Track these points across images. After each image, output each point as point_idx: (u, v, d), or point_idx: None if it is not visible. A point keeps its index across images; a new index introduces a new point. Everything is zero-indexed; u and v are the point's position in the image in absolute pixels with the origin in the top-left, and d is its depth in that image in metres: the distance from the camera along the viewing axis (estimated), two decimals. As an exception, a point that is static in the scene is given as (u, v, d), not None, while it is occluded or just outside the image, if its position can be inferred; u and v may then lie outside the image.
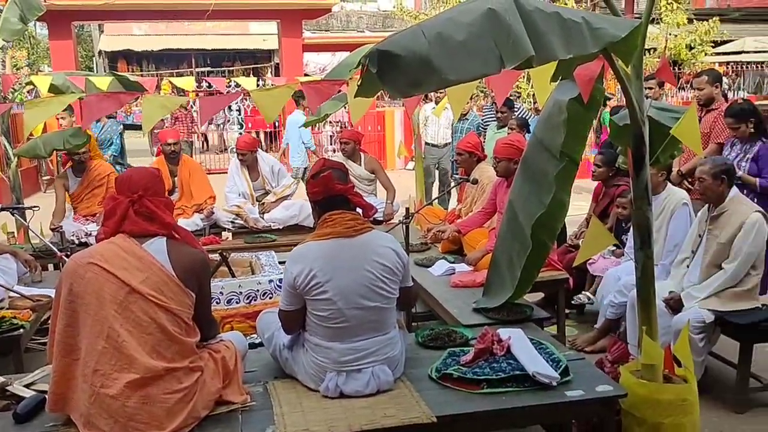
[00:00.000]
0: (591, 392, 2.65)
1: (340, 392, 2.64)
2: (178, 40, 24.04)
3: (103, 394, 2.30)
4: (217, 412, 2.51)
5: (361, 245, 2.68)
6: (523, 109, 7.38)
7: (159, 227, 2.48)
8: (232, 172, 6.42)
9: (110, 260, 2.38)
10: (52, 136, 6.54)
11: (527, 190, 3.36)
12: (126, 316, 2.34)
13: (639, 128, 2.82)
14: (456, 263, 4.35)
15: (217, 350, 2.62)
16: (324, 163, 2.83)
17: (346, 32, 21.16)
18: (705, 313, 3.61)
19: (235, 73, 22.90)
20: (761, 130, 4.80)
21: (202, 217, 6.02)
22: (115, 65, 24.89)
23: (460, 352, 2.94)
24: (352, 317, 2.63)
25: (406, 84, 2.19)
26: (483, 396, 2.62)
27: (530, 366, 2.69)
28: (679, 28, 14.19)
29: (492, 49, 2.21)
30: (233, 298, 4.01)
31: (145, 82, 7.40)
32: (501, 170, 4.37)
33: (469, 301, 3.68)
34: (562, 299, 4.27)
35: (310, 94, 3.09)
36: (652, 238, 2.91)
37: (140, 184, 2.49)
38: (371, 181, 6.44)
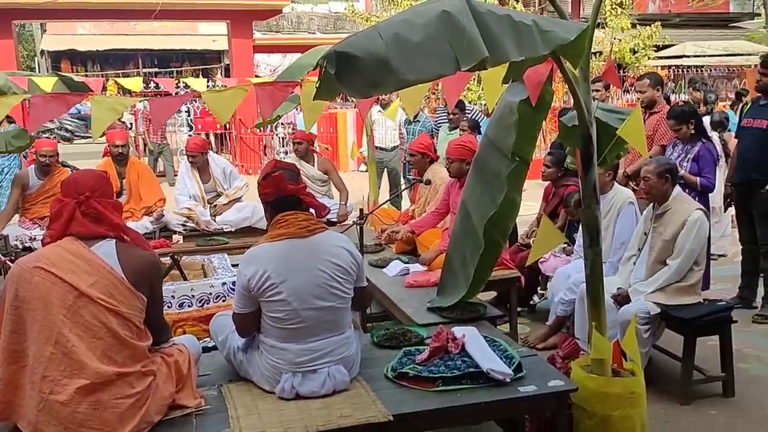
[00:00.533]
0: (543, 387, 2.70)
1: (296, 393, 2.63)
2: (125, 40, 23.51)
3: (52, 401, 2.24)
4: (170, 416, 2.47)
5: (315, 245, 2.68)
6: (475, 111, 7.48)
7: (107, 228, 2.43)
8: (182, 174, 6.30)
9: (57, 264, 2.32)
10: (-8, 137, 6.32)
11: (480, 190, 3.41)
12: (75, 320, 2.28)
13: (587, 129, 2.90)
14: (410, 263, 4.39)
15: (170, 354, 2.57)
16: (275, 165, 2.82)
17: (297, 33, 21.03)
18: (650, 305, 3.73)
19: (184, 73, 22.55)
20: (701, 132, 4.98)
21: (151, 219, 5.90)
22: (58, 65, 24.19)
23: (415, 351, 2.96)
24: (307, 318, 2.62)
25: (365, 85, 2.20)
26: (438, 394, 2.65)
27: (484, 363, 2.73)
28: (623, 33, 14.60)
29: (447, 50, 2.24)
30: (185, 302, 3.96)
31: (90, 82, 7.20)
32: (454, 171, 4.42)
33: (423, 301, 3.71)
34: (514, 298, 4.34)
35: (263, 96, 3.06)
36: (600, 236, 2.99)
37: (87, 186, 2.44)
38: (324, 182, 6.42)
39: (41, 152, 5.74)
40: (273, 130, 13.74)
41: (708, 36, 19.81)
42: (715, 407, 3.68)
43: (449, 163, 4.42)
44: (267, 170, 2.79)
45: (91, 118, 3.57)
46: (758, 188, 4.74)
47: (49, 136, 19.53)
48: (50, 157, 5.74)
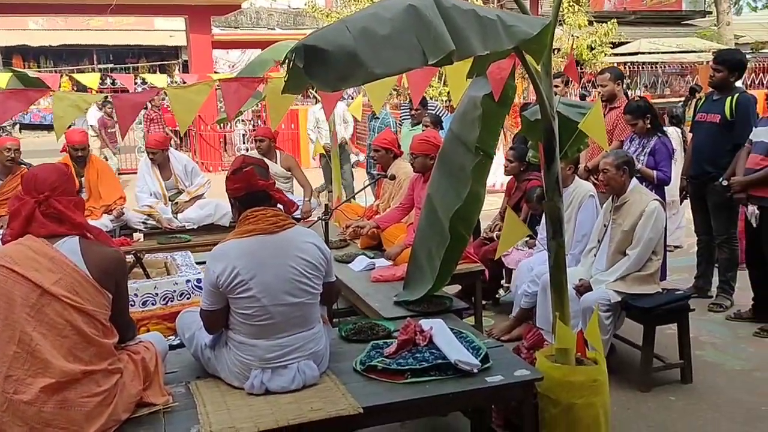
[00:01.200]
0: (510, 377, 2.75)
1: (266, 389, 2.62)
2: (79, 35, 22.95)
3: (16, 401, 2.20)
4: (138, 414, 2.45)
5: (284, 241, 2.67)
6: (438, 107, 7.54)
7: (69, 228, 2.39)
8: (143, 171, 6.20)
9: (20, 262, 2.27)
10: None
11: (445, 184, 3.44)
12: (39, 318, 2.24)
13: (549, 123, 2.95)
14: (375, 259, 4.40)
15: (136, 351, 2.55)
16: (244, 160, 2.80)
17: (256, 29, 20.83)
18: (611, 293, 3.84)
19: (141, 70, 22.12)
20: (657, 126, 5.11)
21: (111, 218, 5.80)
22: (9, 61, 23.52)
23: (383, 345, 2.98)
24: (276, 314, 2.62)
25: (334, 78, 2.21)
26: (407, 385, 2.67)
27: (452, 354, 2.77)
28: (580, 30, 14.84)
29: (415, 43, 2.27)
30: (149, 300, 3.91)
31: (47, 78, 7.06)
32: (418, 166, 4.45)
33: (390, 295, 3.74)
34: (478, 291, 4.39)
35: (228, 92, 3.04)
36: (563, 228, 3.05)
37: (47, 184, 2.38)
38: (288, 179, 6.40)
39: (6, 146, 5.58)
40: (234, 127, 13.61)
41: (662, 33, 20.27)
42: (674, 393, 3.80)
43: (413, 158, 4.45)
44: (236, 165, 2.76)
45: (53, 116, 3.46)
46: (712, 181, 4.88)
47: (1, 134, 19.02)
48: (15, 151, 5.60)
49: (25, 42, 23.13)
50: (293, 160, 6.55)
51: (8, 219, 2.41)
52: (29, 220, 2.35)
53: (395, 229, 4.67)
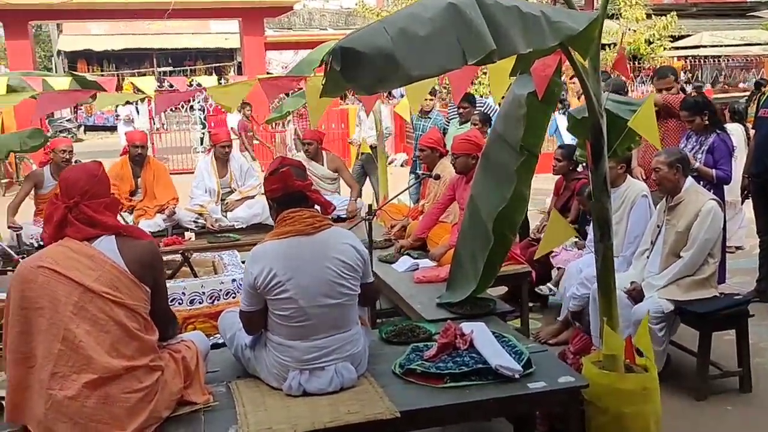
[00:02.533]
0: (553, 384, 2.67)
1: (303, 390, 2.62)
2: (139, 40, 23.69)
3: (61, 397, 2.25)
4: (179, 412, 2.47)
5: (321, 243, 2.66)
6: (487, 104, 7.42)
7: (101, 230, 2.43)
8: (202, 168, 6.38)
9: (61, 262, 2.33)
10: (8, 137, 6.38)
11: (488, 184, 3.38)
12: (82, 315, 2.29)
13: (597, 120, 2.85)
14: (419, 259, 4.35)
15: (177, 350, 2.58)
16: (282, 161, 2.80)
17: (308, 30, 21.05)
18: (664, 303, 3.67)
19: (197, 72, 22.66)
20: (715, 123, 4.90)
21: (164, 217, 5.95)
22: (74, 65, 24.42)
23: (423, 347, 2.94)
24: (313, 315, 2.61)
25: (371, 81, 2.18)
26: (446, 390, 2.62)
27: (493, 359, 2.70)
28: (637, 23, 14.44)
29: (454, 44, 2.21)
30: (196, 298, 3.96)
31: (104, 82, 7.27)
32: (459, 166, 4.38)
33: (432, 297, 3.69)
34: (525, 292, 4.30)
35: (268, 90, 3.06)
36: (611, 230, 2.95)
37: (76, 188, 2.42)
38: (334, 180, 6.43)
39: (60, 148, 5.79)
40: (285, 127, 13.75)
41: (725, 26, 19.54)
42: (731, 402, 3.63)
43: (454, 158, 4.37)
44: (274, 166, 2.77)
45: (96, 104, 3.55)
46: (775, 179, 4.66)
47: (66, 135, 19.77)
48: (69, 152, 5.80)
49: (89, 47, 24.01)
50: (340, 161, 6.57)
51: (44, 222, 2.47)
52: (62, 224, 2.40)
53: (440, 229, 4.61)
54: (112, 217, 2.47)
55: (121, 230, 2.48)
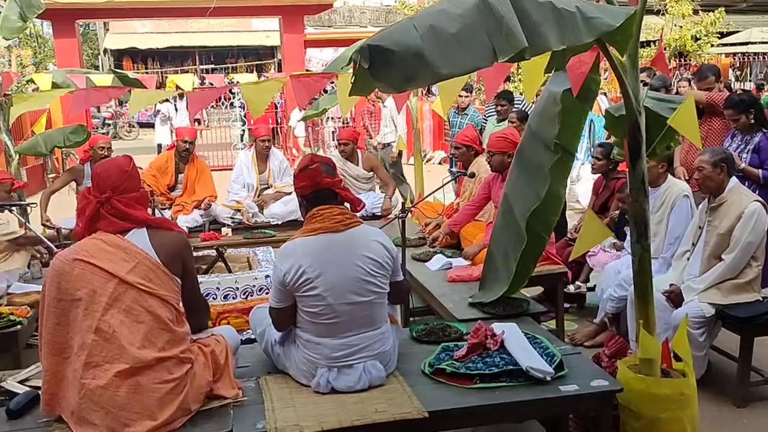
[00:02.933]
0: (586, 387, 2.62)
1: (332, 388, 2.62)
2: (182, 38, 24.06)
3: (93, 386, 2.29)
4: (208, 406, 2.50)
5: (350, 240, 2.66)
6: (525, 103, 7.32)
7: (132, 223, 2.48)
8: (242, 163, 6.46)
9: (96, 255, 2.37)
10: (53, 133, 6.55)
11: (522, 182, 3.33)
12: (117, 306, 2.34)
13: (635, 118, 2.79)
14: (453, 258, 4.32)
15: (207, 344, 2.60)
16: (312, 158, 2.81)
17: (348, 28, 21.09)
18: (705, 307, 3.57)
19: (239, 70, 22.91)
20: (761, 121, 4.74)
21: (201, 212, 6.02)
22: (120, 63, 24.95)
23: (454, 347, 2.91)
24: (342, 313, 2.61)
25: (399, 79, 2.15)
26: (476, 391, 2.59)
27: (524, 361, 2.66)
28: (684, 19, 14.07)
29: (485, 41, 2.17)
30: (229, 294, 4.01)
31: (145, 79, 7.44)
32: (495, 164, 4.32)
33: (465, 296, 3.65)
34: (560, 293, 4.23)
35: (298, 87, 3.06)
36: (649, 231, 2.87)
37: (108, 184, 2.47)
38: (369, 180, 6.42)
39: (98, 145, 5.91)
40: (323, 124, 13.81)
41: (776, 22, 18.92)
42: (773, 410, 3.51)
43: (490, 156, 4.32)
44: (304, 163, 2.78)
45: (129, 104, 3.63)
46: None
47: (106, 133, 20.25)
48: (107, 149, 5.92)
49: (134, 45, 24.48)
50: (375, 160, 6.57)
51: (77, 216, 2.53)
52: (94, 218, 2.45)
53: (474, 228, 4.57)
54: (143, 210, 2.52)
55: (152, 222, 2.52)
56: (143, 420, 2.31)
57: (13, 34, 6.63)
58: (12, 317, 3.63)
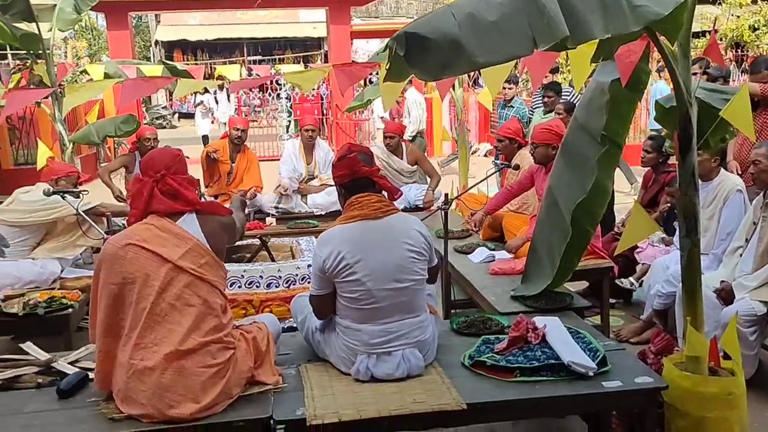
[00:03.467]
0: (630, 383, 2.57)
1: (371, 375, 2.63)
2: (231, 30, 24.40)
3: (141, 367, 2.35)
4: (250, 392, 2.54)
5: (388, 227, 2.68)
6: (572, 93, 7.19)
7: (183, 204, 2.54)
8: (290, 152, 6.52)
9: (148, 239, 2.43)
10: (105, 122, 6.73)
11: (568, 175, 3.27)
12: (170, 291, 2.40)
13: (686, 110, 2.71)
14: (496, 250, 4.28)
15: (249, 331, 2.65)
16: (350, 147, 2.83)
17: (395, 19, 21.04)
18: (756, 305, 3.45)
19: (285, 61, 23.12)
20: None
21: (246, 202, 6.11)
22: (171, 55, 25.43)
23: (494, 340, 2.89)
24: (381, 298, 2.63)
25: (435, 67, 2.14)
26: (516, 384, 2.57)
27: (566, 355, 2.63)
28: (741, 9, 13.59)
29: (524, 29, 2.14)
30: (272, 282, 4.05)
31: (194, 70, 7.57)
32: (539, 156, 4.26)
33: (507, 289, 3.62)
34: (606, 288, 4.14)
35: (340, 77, 3.07)
36: (699, 225, 2.80)
37: (162, 164, 2.55)
38: (412, 173, 6.40)
39: (146, 136, 6.05)
40: (368, 115, 13.83)
41: (841, 11, 18.07)
42: (828, 414, 3.38)
43: (534, 148, 4.26)
44: (342, 153, 2.81)
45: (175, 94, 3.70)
46: None
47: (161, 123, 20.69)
48: (154, 140, 6.05)
49: (184, 37, 24.94)
50: (419, 153, 6.55)
51: (131, 200, 2.59)
52: (150, 198, 2.52)
53: (518, 221, 4.52)
54: (192, 192, 2.58)
55: (201, 207, 2.57)
56: (187, 402, 2.36)
57: (68, 26, 6.83)
58: (65, 301, 3.75)
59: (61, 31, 6.86)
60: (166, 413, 2.35)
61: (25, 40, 6.29)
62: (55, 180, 4.54)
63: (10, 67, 13.82)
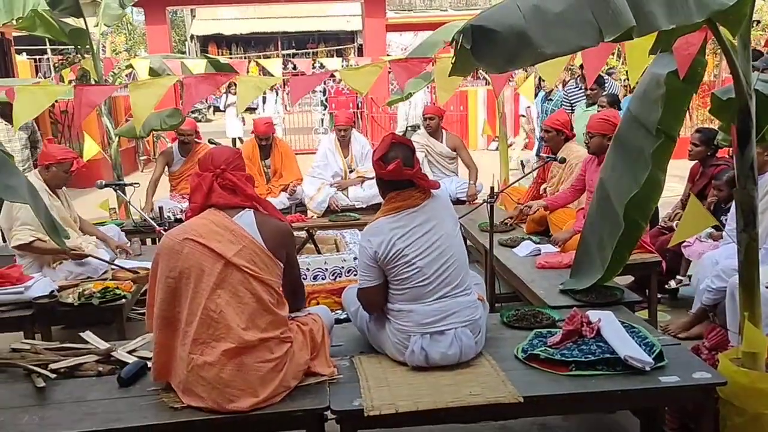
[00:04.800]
0: (687, 379, 2.54)
1: (426, 356, 2.66)
2: (265, 23, 24.57)
3: (201, 362, 2.39)
4: (306, 383, 2.57)
5: (430, 209, 2.76)
6: (613, 85, 7.10)
7: (242, 199, 2.56)
8: (326, 148, 6.53)
9: (205, 235, 2.45)
10: (150, 116, 6.83)
11: (620, 168, 3.24)
12: (224, 287, 2.42)
13: (745, 102, 2.66)
14: (541, 244, 4.26)
15: (305, 323, 2.67)
16: (391, 143, 2.78)
17: (429, 12, 20.92)
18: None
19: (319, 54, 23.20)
20: None
21: (287, 195, 6.19)
22: (206, 49, 25.71)
23: (546, 334, 2.88)
24: (432, 275, 2.68)
25: (502, 60, 2.13)
26: (571, 378, 2.56)
27: (622, 349, 2.61)
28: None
29: (590, 20, 2.12)
30: (319, 275, 4.09)
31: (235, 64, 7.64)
32: (593, 146, 4.22)
33: (555, 283, 3.60)
34: (654, 283, 4.10)
35: (398, 72, 3.07)
36: (757, 219, 2.75)
37: (222, 159, 2.58)
38: (452, 160, 6.39)
39: (181, 131, 6.13)
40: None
41: None
42: None
43: (589, 137, 4.23)
44: (383, 149, 2.77)
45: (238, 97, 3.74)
46: None
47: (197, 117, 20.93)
48: (188, 136, 6.12)
49: (219, 31, 25.19)
50: (459, 140, 6.52)
51: (190, 194, 2.63)
52: (209, 191, 2.55)
53: (564, 214, 4.49)
54: (251, 188, 2.60)
55: (258, 203, 2.59)
56: (246, 397, 2.40)
57: (113, 21, 6.96)
58: (118, 291, 3.83)
59: (107, 26, 6.99)
60: (225, 407, 2.39)
61: (73, 36, 6.42)
62: (47, 165, 4.28)
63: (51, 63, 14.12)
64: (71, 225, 4.41)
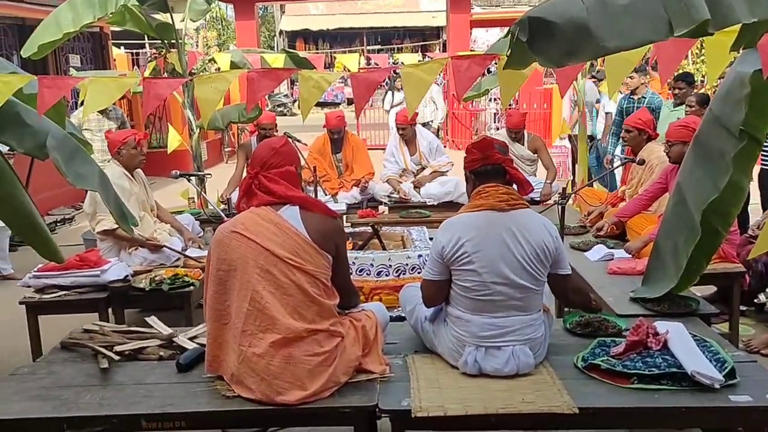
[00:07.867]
0: (761, 399, 2.36)
1: (479, 369, 2.58)
2: (351, 19, 24.81)
3: (250, 354, 2.42)
4: (356, 379, 2.56)
5: (513, 221, 2.61)
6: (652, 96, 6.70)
7: (277, 198, 2.54)
8: (392, 146, 6.56)
9: (251, 228, 2.49)
10: (230, 109, 7.04)
11: (699, 171, 3.04)
12: (268, 279, 2.44)
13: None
14: (615, 249, 4.08)
15: (358, 319, 2.66)
16: (486, 137, 2.79)
17: (517, 7, 20.51)
18: None
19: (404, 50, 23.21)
20: None
21: (359, 190, 6.21)
22: (293, 44, 26.23)
23: (610, 343, 2.75)
24: (495, 291, 2.57)
25: (560, 53, 2.04)
26: (632, 391, 2.43)
27: (689, 364, 2.45)
28: None
29: (660, 12, 1.98)
30: (383, 271, 4.07)
31: (314, 59, 7.75)
32: (674, 155, 3.99)
33: (626, 290, 3.44)
34: (736, 294, 3.85)
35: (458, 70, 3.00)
36: None
37: (257, 161, 2.59)
38: (533, 162, 6.30)
39: (261, 125, 6.26)
40: (486, 106, 13.61)
41: None
42: None
43: (669, 146, 4.00)
44: (477, 141, 2.77)
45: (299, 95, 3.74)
46: None
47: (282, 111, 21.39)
48: (269, 129, 6.24)
49: (306, 26, 25.63)
50: (540, 142, 6.39)
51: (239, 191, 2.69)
52: (248, 194, 2.60)
53: (643, 220, 4.28)
54: (288, 187, 2.56)
55: (304, 202, 2.57)
56: (294, 390, 2.41)
57: (198, 16, 7.18)
58: (187, 278, 3.95)
59: (193, 21, 7.22)
60: (274, 399, 2.41)
61: (160, 30, 6.67)
62: (117, 150, 4.50)
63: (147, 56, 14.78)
64: (147, 210, 4.58)
